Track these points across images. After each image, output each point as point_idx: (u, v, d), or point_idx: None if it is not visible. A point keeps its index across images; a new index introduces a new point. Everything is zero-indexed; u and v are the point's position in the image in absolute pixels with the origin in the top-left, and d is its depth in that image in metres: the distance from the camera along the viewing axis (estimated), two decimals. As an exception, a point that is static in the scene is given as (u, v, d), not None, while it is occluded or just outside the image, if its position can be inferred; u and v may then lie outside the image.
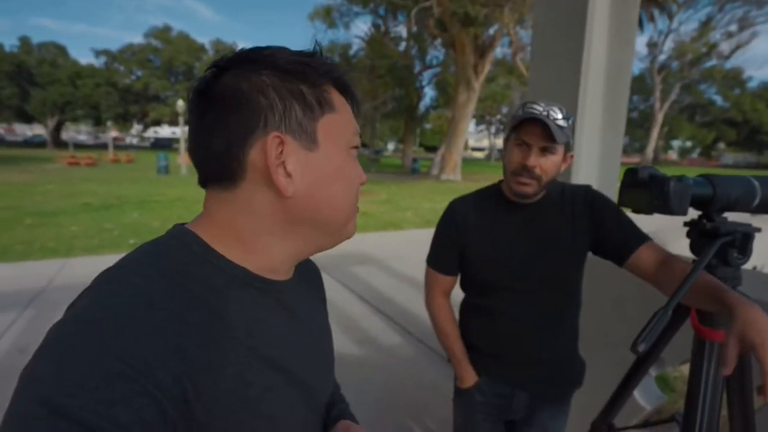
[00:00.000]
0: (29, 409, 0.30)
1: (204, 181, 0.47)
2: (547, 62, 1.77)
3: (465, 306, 1.19)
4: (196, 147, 0.45)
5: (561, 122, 0.94)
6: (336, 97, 0.48)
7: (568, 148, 1.00)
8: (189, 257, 0.43)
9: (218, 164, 0.44)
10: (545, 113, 0.93)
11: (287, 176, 0.44)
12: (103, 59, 38.37)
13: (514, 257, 1.05)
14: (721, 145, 47.79)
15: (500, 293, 1.07)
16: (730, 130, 41.85)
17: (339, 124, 0.48)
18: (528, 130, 0.95)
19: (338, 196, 0.48)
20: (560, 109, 0.95)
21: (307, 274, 0.61)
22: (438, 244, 1.15)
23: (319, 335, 0.57)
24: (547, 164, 0.96)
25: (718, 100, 41.57)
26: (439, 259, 1.15)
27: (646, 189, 0.78)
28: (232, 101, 0.43)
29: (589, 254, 1.07)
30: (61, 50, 37.20)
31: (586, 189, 1.09)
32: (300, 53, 0.47)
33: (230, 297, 0.44)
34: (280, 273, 0.50)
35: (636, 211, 0.81)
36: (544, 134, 0.93)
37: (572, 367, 1.15)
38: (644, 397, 1.60)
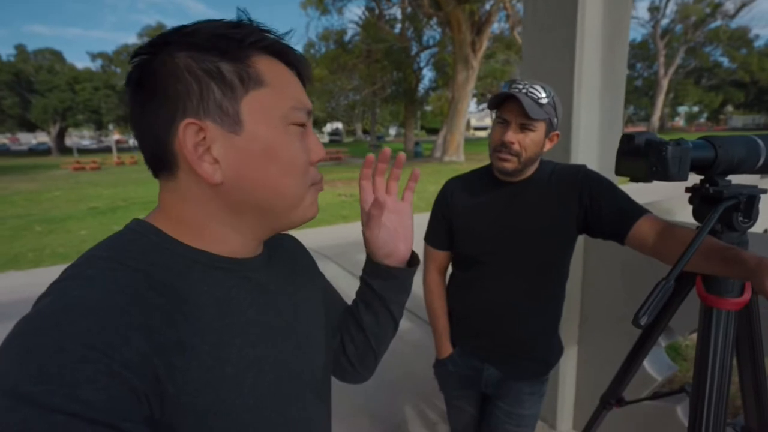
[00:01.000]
0: None
1: (153, 172, 0.46)
2: (540, 31, 1.71)
3: (450, 278, 1.24)
4: (136, 137, 0.44)
5: (542, 99, 0.95)
6: (268, 68, 0.44)
7: (552, 126, 1.00)
8: (147, 246, 0.43)
9: (153, 155, 0.43)
10: (524, 90, 0.95)
11: (214, 162, 0.42)
12: (99, 62, 38.32)
13: (492, 232, 1.08)
14: (729, 108, 46.71)
15: (478, 267, 1.11)
16: (738, 91, 40.80)
17: (270, 99, 0.43)
18: (507, 107, 0.98)
19: (274, 178, 0.44)
20: (543, 87, 0.97)
21: (282, 247, 0.59)
22: (432, 220, 1.20)
23: (302, 307, 0.56)
24: (525, 141, 0.98)
25: (725, 61, 40.45)
26: (433, 234, 1.21)
27: (643, 156, 0.74)
28: (150, 91, 0.41)
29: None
30: (58, 56, 37.15)
31: (577, 170, 1.07)
32: (223, 24, 0.43)
33: (195, 279, 0.43)
34: (245, 252, 0.48)
35: (634, 179, 0.78)
36: (521, 111, 0.95)
37: (545, 349, 1.15)
38: (655, 369, 1.59)
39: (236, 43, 0.42)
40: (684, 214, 1.65)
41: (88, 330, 0.33)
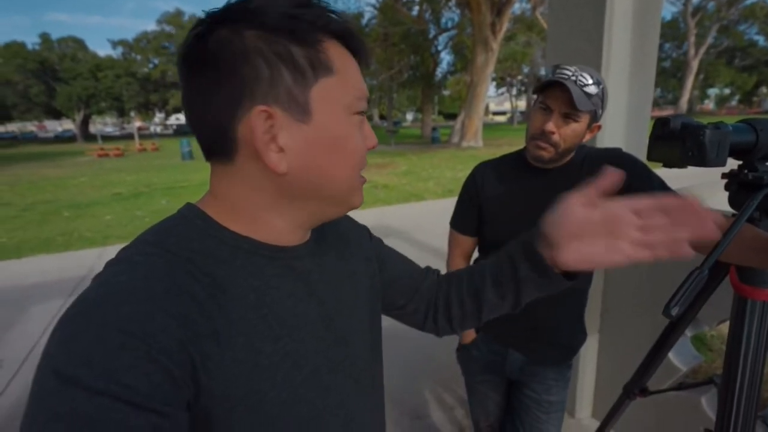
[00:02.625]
0: (44, 381, 0.32)
1: (205, 155, 0.45)
2: (567, 10, 1.64)
3: (475, 263, 1.20)
4: (189, 118, 0.43)
5: (590, 89, 0.90)
6: (336, 55, 0.42)
7: (596, 117, 0.96)
8: (193, 231, 0.43)
9: (211, 138, 0.42)
10: (573, 78, 0.90)
11: (279, 151, 0.41)
12: (120, 49, 38.88)
13: (524, 220, 1.04)
14: (764, 90, 44.54)
15: None
16: (774, 72, 38.83)
17: (337, 88, 0.42)
18: (552, 94, 0.93)
19: (338, 168, 0.44)
20: (591, 75, 0.91)
21: (331, 230, 0.57)
22: (459, 205, 1.18)
23: (347, 295, 0.54)
24: (567, 131, 0.94)
25: (761, 40, 38.43)
26: (459, 219, 1.18)
27: (679, 140, 0.71)
28: (215, 70, 0.39)
29: None
30: (80, 44, 37.82)
31: (611, 154, 1.03)
32: (291, 3, 0.40)
33: (236, 267, 0.42)
34: (292, 239, 0.48)
35: (667, 165, 0.74)
36: (568, 100, 0.90)
37: (569, 335, 1.14)
38: (679, 359, 1.55)
39: (307, 24, 0.40)
40: (713, 201, 1.58)
41: (127, 317, 0.34)
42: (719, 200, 1.33)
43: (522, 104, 48.43)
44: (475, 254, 1.23)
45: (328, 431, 0.48)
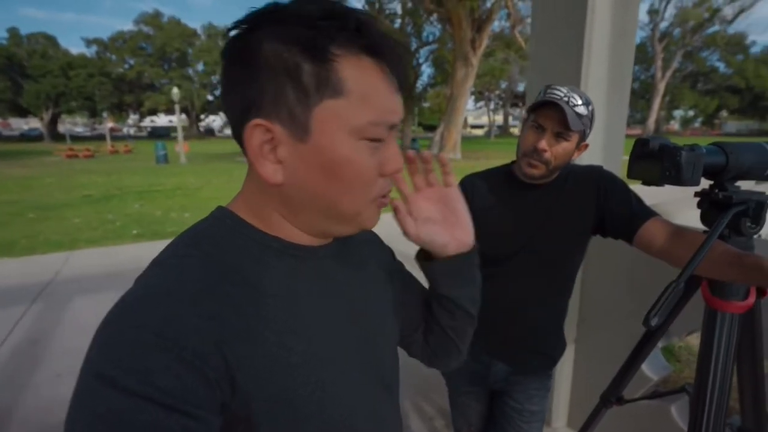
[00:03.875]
0: (86, 382, 0.34)
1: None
2: (549, 30, 1.71)
3: None
4: (224, 110, 0.45)
5: (580, 109, 0.94)
6: (355, 74, 0.39)
7: (584, 137, 1.00)
8: (224, 231, 0.44)
9: (234, 135, 0.43)
10: (565, 99, 0.93)
11: (277, 162, 0.41)
12: (94, 48, 37.83)
13: (513, 234, 1.08)
14: (724, 113, 47.11)
15: (493, 266, 1.10)
16: (733, 97, 41.17)
17: (345, 111, 0.40)
18: (545, 113, 0.96)
19: (334, 192, 0.43)
20: (581, 96, 0.95)
21: (355, 237, 0.56)
22: None
23: (372, 298, 0.55)
24: (558, 150, 0.97)
25: (721, 66, 40.79)
26: None
27: (657, 160, 0.75)
28: (235, 75, 0.41)
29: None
30: (51, 41, 36.58)
31: (593, 170, 1.08)
32: (318, 10, 0.38)
33: (267, 265, 0.43)
34: (313, 241, 0.48)
35: (646, 183, 0.79)
36: (560, 119, 0.94)
37: (552, 344, 1.17)
38: (651, 369, 1.61)
39: (325, 39, 0.38)
40: (681, 217, 1.67)
41: (162, 320, 0.35)
42: (685, 217, 1.40)
43: (499, 118, 49.59)
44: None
45: (359, 430, 0.49)
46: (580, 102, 0.94)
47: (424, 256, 0.61)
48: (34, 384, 2.34)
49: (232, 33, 0.41)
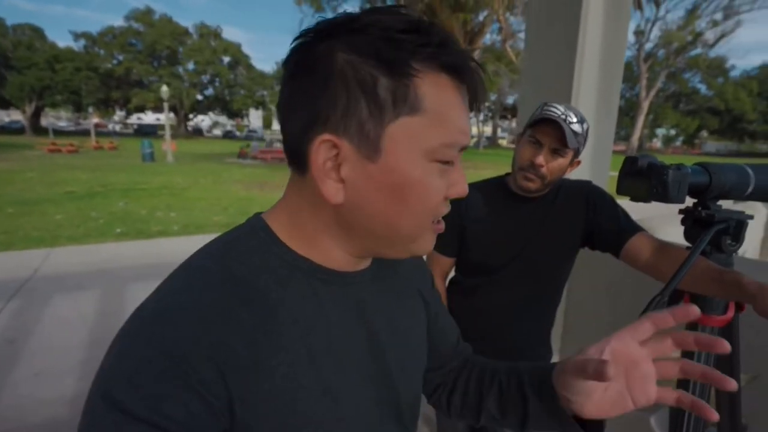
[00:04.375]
0: (94, 401, 0.33)
1: (288, 160, 0.43)
2: (542, 48, 1.77)
3: (452, 281, 1.26)
4: (278, 119, 0.42)
5: (576, 126, 0.98)
6: (433, 92, 0.37)
7: (578, 153, 1.04)
8: (254, 245, 0.42)
9: (291, 147, 0.41)
10: (563, 116, 0.97)
11: (340, 181, 0.39)
12: (82, 42, 37.16)
13: (507, 244, 1.11)
14: (704, 134, 48.58)
15: (485, 275, 1.14)
16: (713, 118, 42.52)
17: (420, 130, 0.38)
18: (543, 129, 0.99)
19: (397, 214, 0.40)
20: (576, 114, 0.99)
21: (396, 266, 0.54)
22: None
23: (400, 329, 0.52)
24: (554, 166, 1.01)
25: (702, 88, 42.18)
26: (440, 239, 1.19)
27: (645, 177, 0.79)
28: (302, 85, 0.38)
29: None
30: (38, 32, 35.84)
31: (583, 185, 1.12)
32: (399, 23, 0.37)
33: (291, 289, 0.41)
34: (349, 265, 0.46)
35: (634, 199, 0.82)
36: (558, 136, 0.97)
37: (539, 354, 1.21)
38: (632, 380, 1.65)
39: (406, 54, 0.36)
40: (664, 232, 1.72)
41: (172, 341, 0.34)
42: (667, 233, 1.45)
43: (488, 130, 50.22)
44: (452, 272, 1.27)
45: None
46: (575, 120, 0.98)
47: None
48: (12, 383, 2.28)
49: (298, 41, 0.39)
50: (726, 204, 0.85)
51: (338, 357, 0.43)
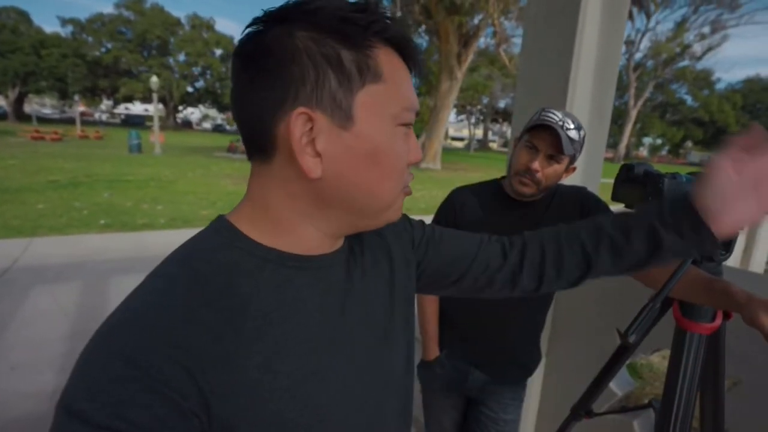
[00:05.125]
0: (58, 416, 0.33)
1: (247, 153, 0.44)
2: (538, 54, 1.78)
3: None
4: (235, 113, 0.43)
5: (573, 133, 0.98)
6: (387, 62, 0.41)
7: (573, 160, 1.05)
8: (218, 244, 0.42)
9: (253, 135, 0.42)
10: (560, 123, 0.97)
11: (316, 156, 0.40)
12: (69, 28, 36.31)
13: None
14: (689, 144, 49.63)
15: None
16: (698, 129, 43.45)
17: (384, 96, 0.41)
18: (540, 135, 1.00)
19: (375, 180, 0.42)
20: (574, 121, 1.00)
21: (371, 238, 0.54)
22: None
23: (382, 302, 0.52)
24: (549, 171, 1.02)
25: (689, 99, 43.08)
26: None
27: (641, 185, 0.79)
28: (264, 67, 0.39)
29: None
30: (24, 16, 34.91)
31: (578, 191, 1.13)
32: (348, 5, 0.40)
33: (263, 279, 0.41)
34: (322, 248, 0.46)
35: (629, 206, 0.83)
36: (554, 143, 0.98)
37: (529, 355, 1.22)
38: (616, 384, 1.68)
39: (360, 29, 0.39)
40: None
41: (132, 348, 0.34)
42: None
43: (479, 132, 50.54)
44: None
45: None
46: (572, 126, 0.99)
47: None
48: (-14, 376, 2.22)
49: (251, 29, 0.41)
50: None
51: (320, 341, 0.43)
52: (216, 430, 0.36)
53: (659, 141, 49.75)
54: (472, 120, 46.52)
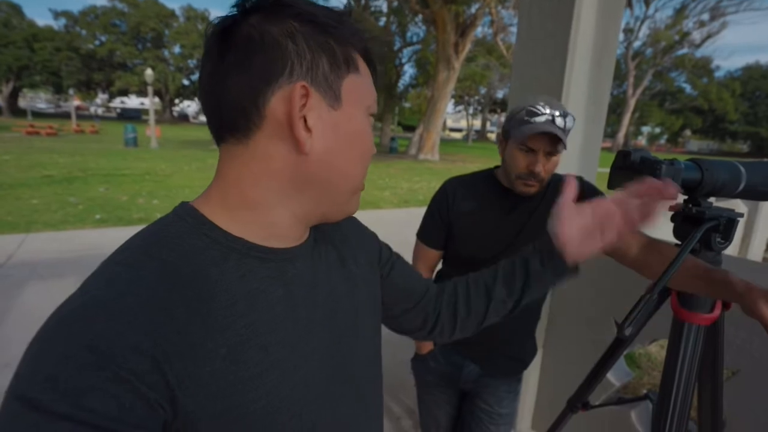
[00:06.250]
0: (8, 405, 0.31)
1: (218, 136, 0.44)
2: (534, 41, 1.74)
3: (440, 273, 1.25)
4: (211, 93, 0.42)
5: (560, 121, 0.96)
6: (359, 59, 0.46)
7: (564, 146, 1.02)
8: (183, 231, 0.41)
9: (235, 111, 0.41)
10: (549, 118, 0.94)
11: (307, 131, 0.41)
12: (62, 21, 35.88)
13: (494, 238, 1.09)
14: (688, 132, 49.53)
15: (472, 268, 1.11)
16: (697, 117, 43.34)
17: (362, 87, 0.46)
18: (535, 138, 0.97)
19: (352, 162, 0.45)
20: (558, 107, 0.96)
21: (336, 237, 0.56)
22: (428, 219, 1.19)
23: (347, 298, 0.53)
24: (550, 166, 1.01)
25: (687, 88, 42.87)
26: (428, 232, 1.19)
27: (638, 172, 0.77)
28: (258, 43, 0.40)
29: None
30: (16, 9, 34.46)
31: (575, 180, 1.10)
32: (334, 10, 0.45)
33: (226, 269, 0.41)
34: (288, 238, 0.46)
35: (626, 194, 0.80)
36: (552, 141, 0.96)
37: (524, 348, 1.20)
38: (614, 375, 1.66)
39: (344, 29, 0.44)
40: (657, 231, 1.73)
41: (97, 335, 0.33)
42: (664, 231, 1.45)
43: (477, 123, 50.36)
44: (439, 265, 1.25)
45: None
46: (559, 113, 0.96)
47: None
48: (-21, 373, 2.20)
49: (237, 10, 0.42)
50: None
51: (283, 333, 0.43)
52: (179, 422, 0.35)
53: (658, 130, 49.66)
54: (470, 111, 46.30)
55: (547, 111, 0.95)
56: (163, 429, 0.34)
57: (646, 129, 51.94)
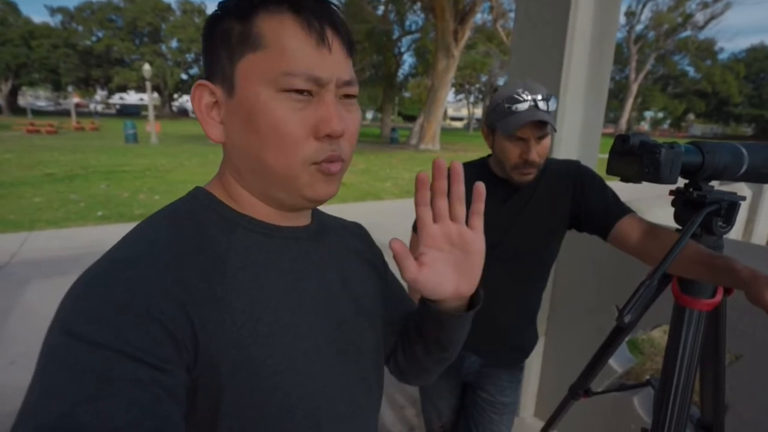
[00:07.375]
0: (54, 338, 0.35)
1: None
2: (532, 28, 1.70)
3: None
4: None
5: (543, 104, 0.94)
6: (272, 28, 0.41)
7: (554, 127, 1.02)
8: (197, 207, 0.46)
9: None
10: (534, 104, 0.93)
11: (219, 123, 0.45)
12: (59, 17, 35.64)
13: (491, 228, 1.07)
14: (691, 117, 49.01)
15: None
16: (700, 101, 42.81)
17: (262, 63, 0.41)
18: (522, 127, 0.95)
19: (257, 146, 0.42)
20: (539, 90, 0.95)
21: (341, 228, 0.59)
22: None
23: (352, 286, 0.54)
24: (543, 151, 1.00)
25: (690, 71, 42.29)
26: None
27: (637, 157, 0.75)
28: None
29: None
30: (11, 6, 34.23)
31: (571, 165, 1.09)
32: None
33: (236, 241, 0.45)
34: (286, 220, 0.49)
35: (624, 179, 0.79)
36: (540, 126, 0.95)
37: (525, 337, 1.19)
38: (616, 361, 1.66)
39: (245, 3, 0.42)
40: (651, 215, 1.71)
41: (132, 280, 0.36)
42: (655, 215, 1.44)
43: (478, 111, 49.96)
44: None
45: (333, 411, 0.47)
46: (541, 97, 0.95)
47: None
48: (-14, 371, 2.22)
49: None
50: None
51: (294, 300, 0.46)
52: (200, 366, 0.38)
53: (661, 114, 49.14)
54: (471, 99, 45.91)
55: (529, 97, 0.94)
56: (187, 373, 0.37)
57: (649, 114, 51.40)
